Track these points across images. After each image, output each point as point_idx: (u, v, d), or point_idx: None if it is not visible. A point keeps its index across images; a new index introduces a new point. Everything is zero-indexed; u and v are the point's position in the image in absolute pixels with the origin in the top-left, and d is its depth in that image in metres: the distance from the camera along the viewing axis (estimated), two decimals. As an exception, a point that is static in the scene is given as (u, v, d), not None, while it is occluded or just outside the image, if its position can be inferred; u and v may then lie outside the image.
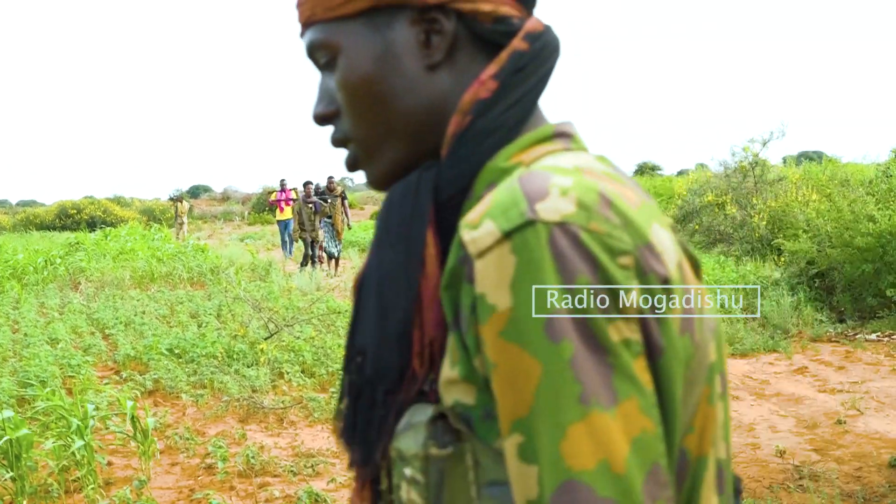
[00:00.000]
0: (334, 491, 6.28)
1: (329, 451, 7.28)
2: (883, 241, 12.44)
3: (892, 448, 6.88)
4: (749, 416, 8.14)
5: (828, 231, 13.57)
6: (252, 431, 7.84)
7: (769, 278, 14.38)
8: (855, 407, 8.11)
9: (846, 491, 6.05)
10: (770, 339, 11.23)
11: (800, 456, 6.88)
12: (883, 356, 10.41)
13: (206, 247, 24.33)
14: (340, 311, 13.11)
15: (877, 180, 14.61)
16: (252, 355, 10.00)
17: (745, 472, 6.52)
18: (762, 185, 20.10)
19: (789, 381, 9.57)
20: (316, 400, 8.56)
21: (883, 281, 12.33)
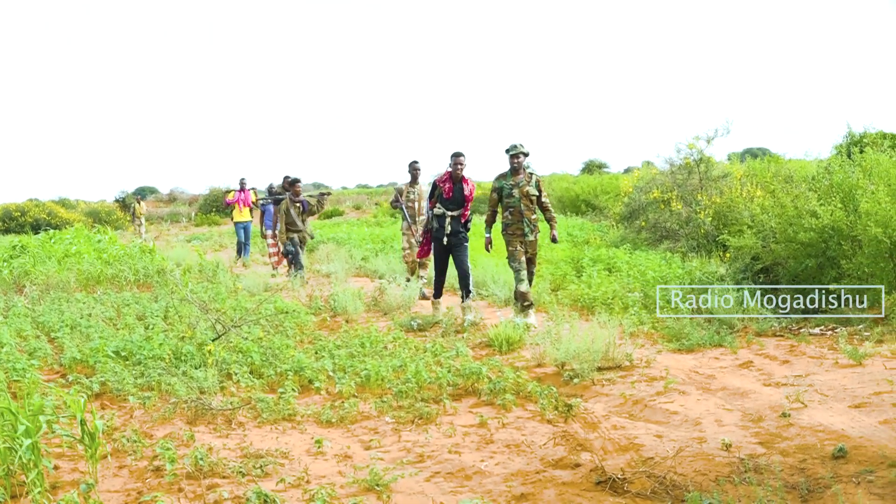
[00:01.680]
0: (283, 491, 6.28)
1: (278, 451, 7.29)
2: (825, 237, 12.59)
3: (836, 440, 6.95)
4: (695, 410, 8.21)
5: (772, 227, 13.72)
6: (200, 433, 7.82)
7: (715, 274, 14.48)
8: (799, 400, 8.19)
9: (790, 483, 6.12)
10: (715, 335, 11.32)
11: (745, 449, 6.94)
12: (826, 349, 10.52)
13: (153, 248, 24.12)
14: (288, 312, 13.09)
15: (819, 177, 14.75)
16: (200, 357, 9.97)
17: (692, 466, 6.58)
18: (707, 181, 20.23)
19: (735, 375, 9.65)
20: (265, 400, 8.56)
21: (826, 275, 12.47)
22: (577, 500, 6.06)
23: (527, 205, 13.11)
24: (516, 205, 13.10)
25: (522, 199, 13.09)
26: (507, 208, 13.20)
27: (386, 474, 6.53)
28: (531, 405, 8.67)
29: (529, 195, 13.14)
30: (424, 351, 10.90)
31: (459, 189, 13.73)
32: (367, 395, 9.11)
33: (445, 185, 13.69)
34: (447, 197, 13.68)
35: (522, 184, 13.15)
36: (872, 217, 11.74)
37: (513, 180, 13.21)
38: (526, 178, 13.24)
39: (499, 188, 13.28)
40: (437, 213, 13.76)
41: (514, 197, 13.12)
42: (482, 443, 7.55)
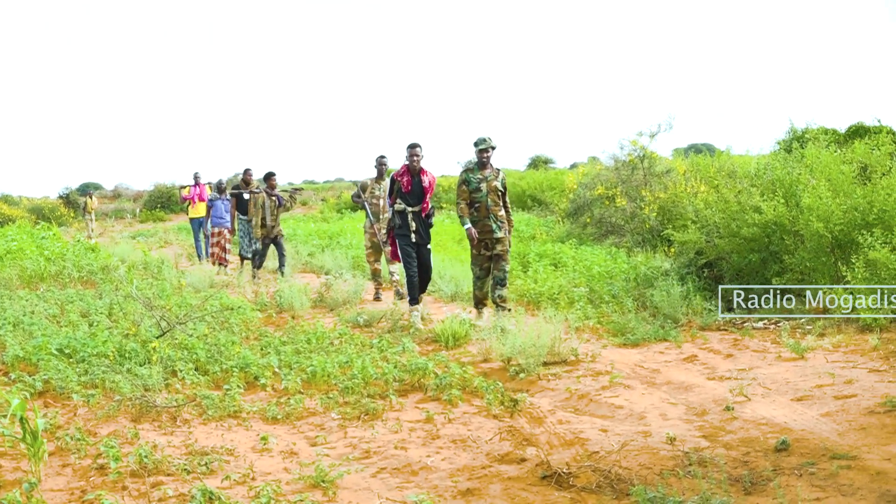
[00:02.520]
0: (229, 488, 6.24)
1: (224, 448, 7.23)
2: (768, 231, 12.71)
3: (779, 433, 7.02)
4: (640, 404, 8.26)
5: (715, 222, 13.80)
6: (145, 431, 7.75)
7: (659, 269, 14.57)
8: (743, 393, 8.26)
9: (734, 476, 6.16)
10: (660, 329, 11.39)
11: (689, 443, 6.99)
12: (769, 343, 10.61)
13: (97, 245, 23.89)
14: (234, 308, 13.02)
15: (762, 172, 14.87)
16: (144, 354, 9.88)
17: (636, 460, 6.62)
18: (651, 177, 20.36)
19: (679, 369, 9.72)
20: (210, 397, 8.50)
21: (769, 270, 12.59)
22: (523, 495, 6.07)
23: (494, 200, 12.68)
24: (483, 200, 12.65)
25: (490, 194, 12.67)
26: (473, 204, 12.72)
27: (332, 470, 6.51)
28: (477, 400, 8.68)
29: (497, 190, 12.74)
30: (371, 347, 10.89)
31: (418, 182, 13.12)
32: (313, 392, 9.07)
33: (403, 178, 13.10)
34: (406, 191, 13.05)
35: (490, 178, 12.75)
36: (814, 212, 11.86)
37: (480, 174, 12.78)
38: (493, 172, 12.83)
39: (466, 180, 12.80)
40: (398, 208, 13.07)
41: (482, 192, 12.67)
42: (428, 438, 7.55)
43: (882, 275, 10.85)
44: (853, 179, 12.51)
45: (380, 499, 6.08)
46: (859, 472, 6.07)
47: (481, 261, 12.72)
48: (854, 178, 12.62)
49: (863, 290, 10.80)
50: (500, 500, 6.00)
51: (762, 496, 5.80)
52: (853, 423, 7.23)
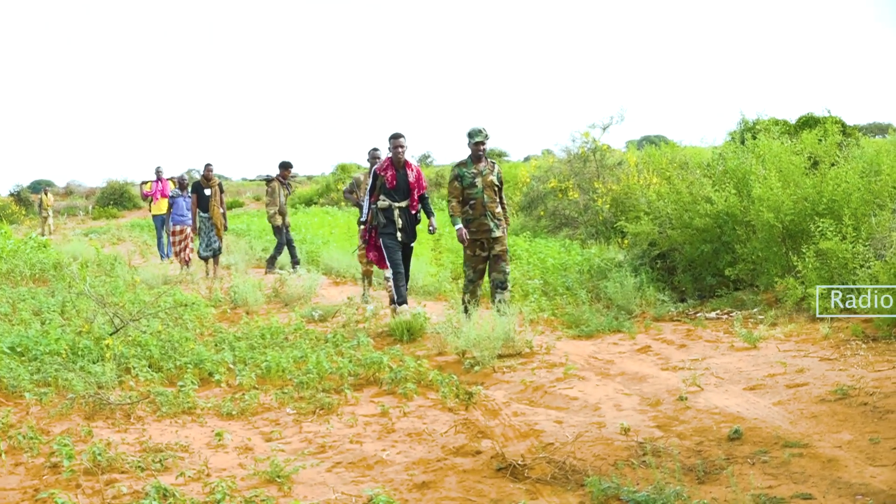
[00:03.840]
0: (183, 485, 6.21)
1: (178, 445, 7.21)
2: (720, 222, 12.79)
3: (731, 422, 7.07)
4: (594, 395, 8.29)
5: (668, 213, 13.87)
6: (98, 428, 7.70)
7: (613, 260, 14.63)
8: (696, 383, 8.31)
9: (687, 465, 6.21)
10: (614, 320, 11.44)
11: (643, 433, 7.02)
12: (722, 333, 10.69)
13: (49, 242, 23.66)
14: (187, 304, 12.95)
15: (713, 163, 14.96)
16: (97, 351, 9.81)
17: (591, 451, 6.64)
18: (603, 169, 20.42)
19: (633, 360, 9.77)
20: (164, 394, 8.46)
21: (721, 260, 12.68)
22: (478, 487, 6.08)
23: (490, 196, 11.67)
24: (479, 196, 11.60)
25: (486, 189, 11.65)
26: (468, 201, 11.68)
27: (287, 466, 6.50)
28: (432, 394, 8.69)
29: (493, 185, 11.76)
30: (325, 341, 10.87)
31: (403, 176, 12.29)
32: (267, 387, 9.05)
33: (387, 172, 12.22)
34: (391, 186, 12.19)
35: (486, 172, 11.74)
36: (765, 202, 11.95)
37: (475, 168, 11.72)
38: (488, 166, 11.85)
39: (459, 176, 11.73)
40: (383, 205, 12.21)
41: (477, 187, 11.62)
42: (384, 432, 7.55)
43: (832, 264, 10.95)
44: (803, 170, 12.61)
45: (335, 493, 6.07)
46: (811, 460, 6.13)
47: (475, 262, 11.78)
48: (804, 168, 12.72)
49: (814, 280, 10.90)
50: (455, 493, 6.01)
51: (715, 485, 5.85)
52: (805, 411, 7.29)
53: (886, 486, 5.54)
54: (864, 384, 7.70)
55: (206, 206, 18.59)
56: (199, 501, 5.76)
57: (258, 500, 5.73)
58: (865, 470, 5.86)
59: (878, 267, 9.69)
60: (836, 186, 11.82)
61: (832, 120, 17.59)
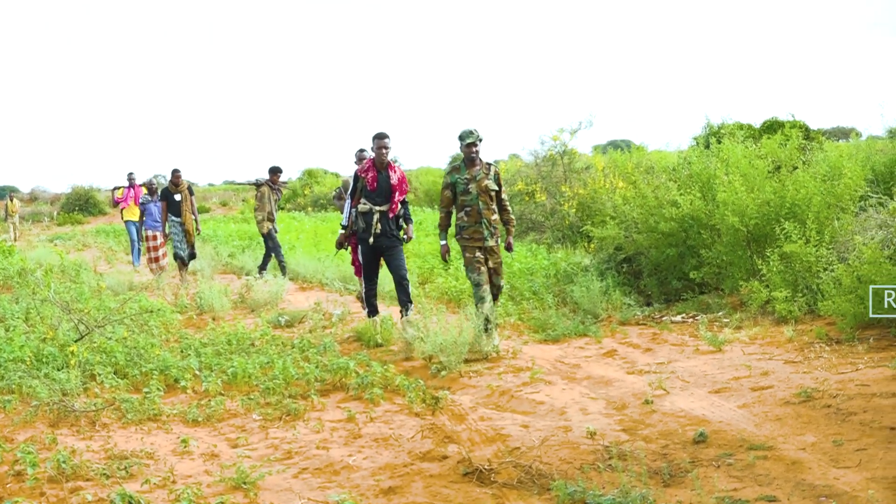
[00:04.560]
0: (149, 492, 6.18)
1: (143, 452, 7.17)
2: (686, 226, 12.85)
3: (697, 425, 7.10)
4: (561, 399, 8.31)
5: (634, 217, 13.93)
6: (63, 436, 7.65)
7: (579, 264, 14.66)
8: (661, 387, 8.34)
9: (653, 468, 6.23)
10: (580, 324, 11.48)
11: (609, 436, 7.04)
12: (688, 336, 10.74)
13: (13, 248, 23.47)
14: (153, 311, 12.88)
15: (679, 167, 15.02)
16: (62, 358, 9.74)
17: (557, 455, 6.66)
18: (571, 173, 20.46)
19: (599, 364, 9.80)
20: (129, 401, 8.40)
21: (686, 264, 12.74)
22: (445, 492, 6.08)
23: (486, 202, 10.83)
24: (473, 203, 10.81)
25: (481, 195, 10.81)
26: (463, 208, 10.90)
27: (253, 472, 6.48)
28: (399, 399, 8.68)
29: (489, 190, 10.88)
30: (292, 347, 10.85)
31: (385, 178, 11.49)
32: (234, 393, 9.02)
33: (368, 174, 11.46)
34: (372, 189, 11.43)
35: (480, 177, 10.87)
36: (729, 206, 12.01)
37: (468, 173, 10.88)
38: (483, 169, 10.93)
39: (452, 184, 10.96)
40: (363, 209, 11.46)
41: (471, 194, 10.82)
42: (350, 437, 7.54)
43: (796, 267, 11.03)
44: (766, 174, 12.67)
45: (301, 499, 6.06)
46: (775, 462, 6.16)
47: (477, 264, 10.83)
48: (768, 172, 12.79)
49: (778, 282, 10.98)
50: (421, 498, 6.01)
51: (681, 488, 5.87)
52: (769, 413, 7.33)
53: (850, 487, 5.57)
54: (827, 387, 7.75)
55: (178, 211, 18.22)
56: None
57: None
58: (829, 472, 5.90)
59: (841, 270, 9.75)
60: (799, 190, 11.90)
61: (794, 124, 17.71)
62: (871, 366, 8.36)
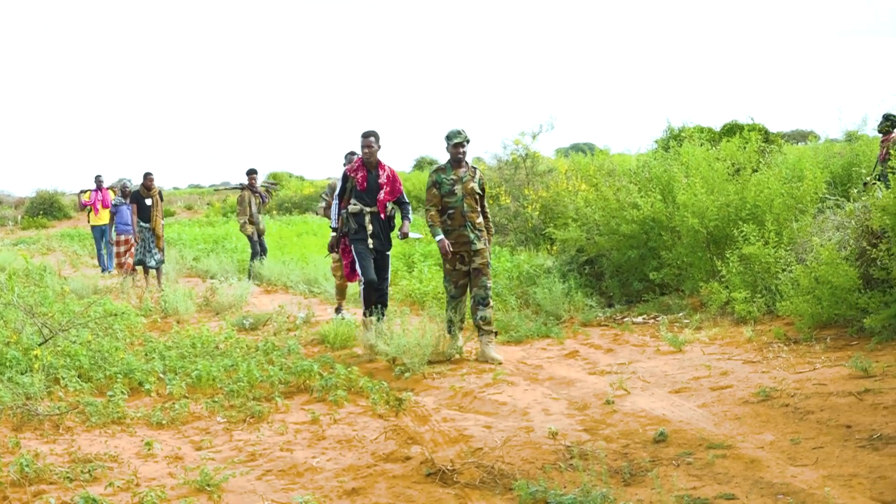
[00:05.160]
0: (112, 495, 6.15)
1: (107, 455, 7.12)
2: (646, 228, 12.92)
3: (657, 425, 7.13)
4: (523, 400, 8.33)
5: (596, 219, 13.98)
6: (26, 439, 7.59)
7: (542, 266, 14.70)
8: (623, 387, 8.38)
9: (614, 468, 6.25)
10: (543, 326, 11.52)
11: (571, 436, 7.07)
12: (648, 337, 10.80)
13: (-24, 253, 23.28)
14: (118, 314, 12.81)
15: (640, 170, 15.10)
16: (26, 362, 9.66)
17: (520, 455, 6.67)
18: (533, 176, 20.50)
19: (561, 364, 9.83)
20: (93, 404, 8.35)
21: (647, 266, 12.80)
22: (408, 493, 6.08)
23: (471, 205, 10.42)
24: (458, 205, 10.38)
25: (466, 197, 10.40)
26: (446, 210, 10.46)
27: (217, 474, 6.45)
28: (363, 400, 8.68)
29: (474, 193, 10.49)
30: (256, 350, 10.82)
31: (375, 177, 11.02)
32: (198, 396, 8.99)
33: (358, 174, 10.98)
34: (362, 189, 10.95)
35: (466, 179, 10.45)
36: (690, 208, 12.10)
37: (454, 174, 10.46)
38: (469, 171, 10.54)
39: (437, 182, 10.51)
40: (354, 210, 10.99)
41: (456, 195, 10.39)
42: (314, 439, 7.53)
43: (755, 269, 11.11)
44: (726, 176, 12.77)
45: (265, 501, 6.05)
46: (734, 461, 6.20)
47: (457, 277, 10.53)
48: (728, 175, 12.88)
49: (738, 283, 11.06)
50: (385, 499, 6.01)
51: (641, 487, 5.90)
52: (728, 413, 7.39)
53: (807, 485, 5.62)
54: (785, 386, 7.82)
55: (148, 217, 17.98)
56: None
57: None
58: (787, 470, 5.94)
59: (800, 271, 9.84)
60: (759, 192, 12.00)
61: (753, 127, 17.83)
62: (828, 365, 8.45)
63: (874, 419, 6.71)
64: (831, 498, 5.30)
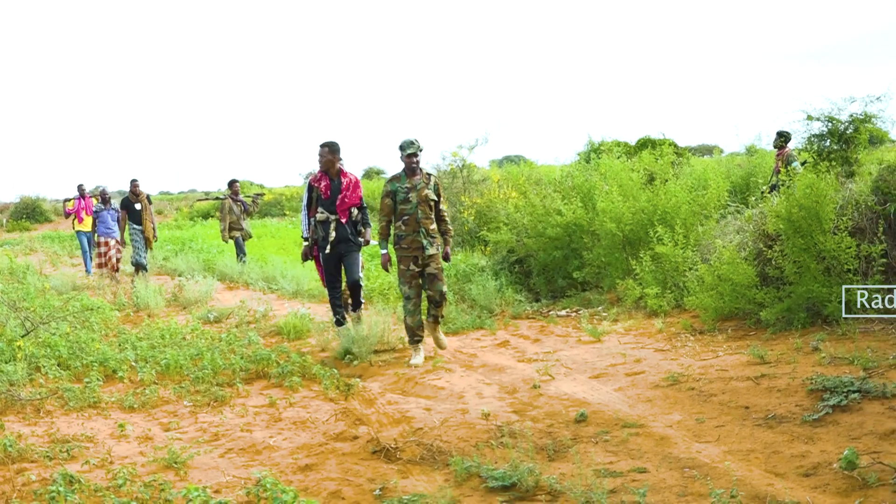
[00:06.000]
0: (88, 472, 6.10)
1: (84, 436, 7.08)
2: (569, 231, 12.99)
3: (578, 406, 7.16)
4: (459, 385, 8.33)
5: (524, 224, 14.02)
6: (10, 422, 7.50)
7: (477, 266, 14.70)
8: (548, 373, 8.41)
9: (539, 445, 6.28)
10: (477, 318, 11.51)
11: (502, 417, 7.08)
12: (571, 329, 10.83)
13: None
14: (94, 308, 12.68)
15: (563, 179, 15.17)
16: (10, 352, 9.54)
17: (456, 434, 6.68)
18: (469, 185, 20.50)
19: (494, 353, 9.84)
20: (71, 390, 8.29)
21: (570, 265, 12.86)
22: (355, 468, 6.08)
23: (425, 212, 9.87)
24: (412, 212, 9.82)
25: (420, 204, 9.84)
26: (401, 217, 9.88)
27: (183, 453, 6.43)
28: (316, 386, 8.65)
29: (428, 200, 9.92)
30: (220, 340, 10.74)
31: (338, 185, 10.48)
32: (166, 382, 8.92)
33: (321, 183, 10.47)
34: (326, 197, 10.45)
35: (420, 186, 9.87)
36: (607, 214, 12.17)
37: (409, 182, 9.87)
38: (423, 179, 9.95)
39: (392, 192, 9.93)
40: (321, 218, 10.48)
41: (411, 203, 9.83)
42: (271, 421, 7.50)
43: (666, 267, 11.20)
44: (640, 185, 12.88)
45: (227, 476, 6.02)
46: (646, 438, 6.25)
47: (410, 276, 9.89)
48: (641, 184, 12.99)
49: (650, 280, 11.14)
50: (335, 474, 6.00)
51: (563, 462, 5.93)
52: (641, 396, 7.44)
53: (710, 459, 5.67)
54: (691, 372, 7.89)
55: (138, 219, 17.55)
56: (102, 487, 5.66)
57: (157, 484, 5.63)
58: (692, 446, 6.00)
59: (704, 269, 9.92)
60: (669, 200, 12.10)
61: (664, 142, 17.96)
62: (729, 353, 8.52)
63: (769, 401, 6.78)
64: (731, 470, 5.35)
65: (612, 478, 5.49)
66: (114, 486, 5.68)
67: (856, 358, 7.34)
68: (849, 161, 12.45)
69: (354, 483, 5.79)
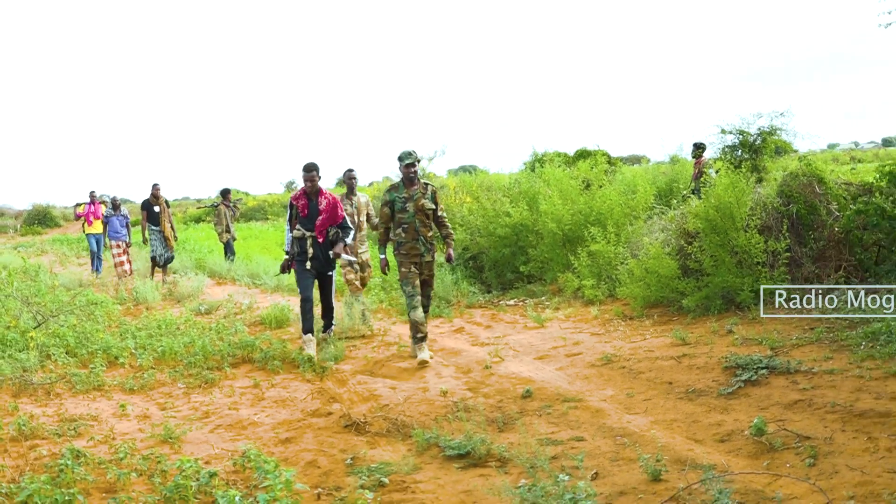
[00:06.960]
0: (93, 447, 6.04)
1: (89, 415, 7.02)
2: (517, 231, 13.04)
3: (524, 384, 7.19)
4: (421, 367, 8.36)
5: (477, 225, 14.05)
6: (23, 404, 7.42)
7: (437, 262, 14.70)
8: (498, 355, 8.44)
9: (490, 418, 6.30)
10: (436, 308, 11.51)
11: (458, 394, 7.10)
12: (518, 316, 10.86)
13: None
14: (98, 303, 12.57)
15: (511, 186, 15.24)
16: (23, 342, 9.45)
17: (417, 410, 6.69)
18: (429, 191, 20.54)
19: (451, 338, 9.85)
20: (78, 375, 8.21)
21: (517, 260, 12.91)
22: (330, 441, 6.07)
23: (422, 220, 9.20)
24: (410, 221, 9.16)
25: (418, 213, 9.19)
26: (400, 225, 9.24)
27: (177, 429, 6.41)
28: (295, 369, 8.62)
29: (425, 209, 9.21)
30: (210, 330, 10.67)
31: (315, 205, 9.65)
32: (163, 367, 8.86)
33: (300, 202, 9.68)
34: (304, 215, 9.65)
35: (417, 196, 9.19)
36: (549, 215, 12.24)
37: (406, 192, 9.21)
38: (421, 189, 9.23)
39: (390, 202, 9.29)
40: (297, 234, 9.67)
41: (409, 212, 9.17)
42: (256, 400, 7.47)
43: (600, 262, 11.27)
44: (578, 190, 12.95)
45: (216, 449, 6.00)
46: (583, 411, 6.29)
47: (413, 278, 9.17)
48: (579, 189, 13.07)
49: (586, 273, 11.20)
50: (311, 445, 5.99)
51: (511, 432, 5.96)
52: (579, 374, 7.48)
53: (639, 429, 5.72)
54: (623, 352, 7.95)
55: (157, 221, 17.31)
56: (105, 460, 5.61)
57: (154, 457, 5.60)
58: (623, 417, 6.04)
59: (633, 264, 9.98)
60: (603, 203, 12.18)
61: (599, 153, 18.03)
62: (655, 336, 8.59)
63: (689, 377, 6.85)
64: (657, 438, 5.40)
65: (554, 446, 5.53)
66: (116, 459, 5.65)
67: (764, 339, 7.44)
68: (758, 168, 12.63)
69: (329, 453, 5.78)
